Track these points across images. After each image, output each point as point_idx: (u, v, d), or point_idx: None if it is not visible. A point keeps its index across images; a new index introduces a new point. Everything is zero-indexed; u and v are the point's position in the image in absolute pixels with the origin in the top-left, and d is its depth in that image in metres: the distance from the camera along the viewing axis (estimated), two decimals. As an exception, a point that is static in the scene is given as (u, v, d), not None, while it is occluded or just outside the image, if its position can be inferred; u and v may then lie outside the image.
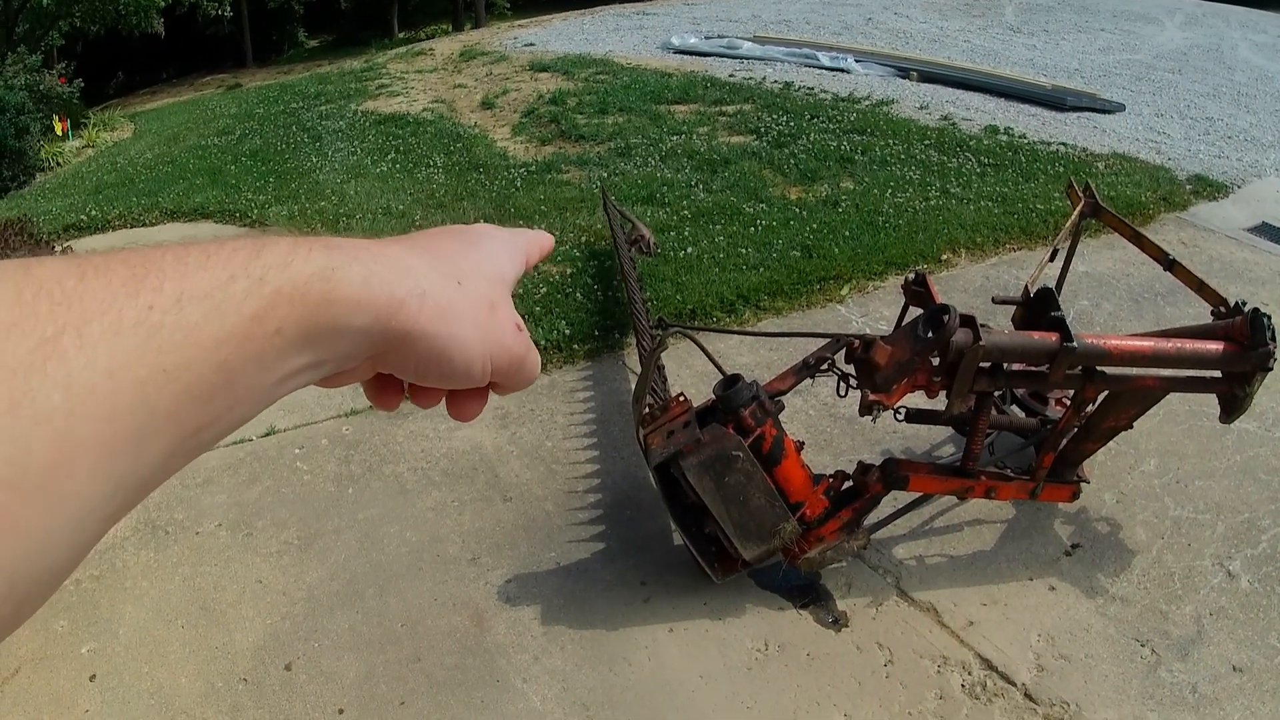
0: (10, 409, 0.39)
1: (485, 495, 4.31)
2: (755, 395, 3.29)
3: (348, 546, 4.09)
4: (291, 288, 0.50)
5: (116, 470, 0.44)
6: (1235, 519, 3.95)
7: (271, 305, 0.49)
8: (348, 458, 4.62)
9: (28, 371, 0.40)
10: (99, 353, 0.42)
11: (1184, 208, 6.74)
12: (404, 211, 7.54)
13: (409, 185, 8.14)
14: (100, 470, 0.43)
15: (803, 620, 3.59)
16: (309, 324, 0.51)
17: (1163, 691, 3.27)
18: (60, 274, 0.44)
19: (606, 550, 3.96)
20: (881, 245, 6.28)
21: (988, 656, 3.42)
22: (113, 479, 0.44)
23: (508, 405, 4.96)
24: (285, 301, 0.50)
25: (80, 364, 0.42)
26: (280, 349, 0.50)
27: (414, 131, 9.88)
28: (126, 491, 0.45)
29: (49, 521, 0.41)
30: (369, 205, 7.70)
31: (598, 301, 5.93)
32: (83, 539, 0.44)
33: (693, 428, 3.29)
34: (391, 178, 8.36)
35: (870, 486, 3.48)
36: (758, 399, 3.29)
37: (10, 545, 0.40)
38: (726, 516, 3.34)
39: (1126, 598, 3.62)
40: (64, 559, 0.43)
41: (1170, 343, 3.28)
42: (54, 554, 0.42)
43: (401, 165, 8.75)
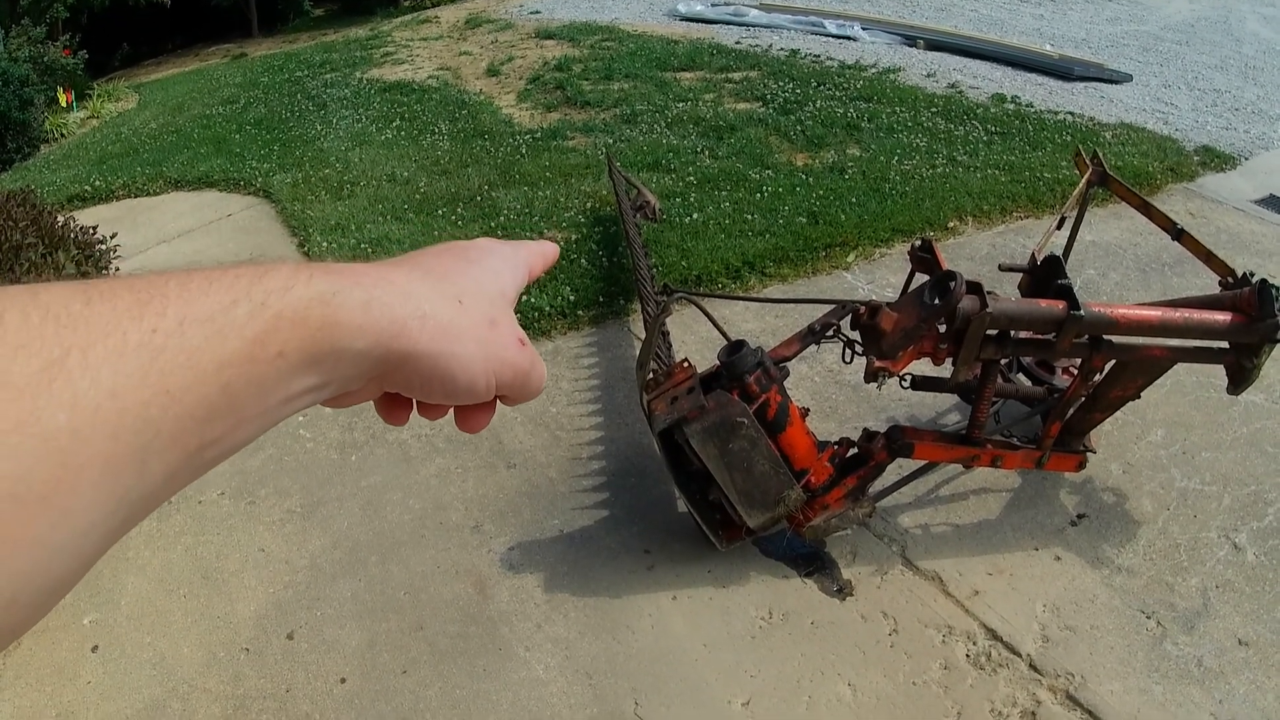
0: (16, 427, 0.40)
1: (489, 462, 4.28)
2: (760, 361, 3.25)
3: (350, 514, 4.07)
4: (293, 312, 0.52)
5: (119, 487, 0.45)
6: (1242, 491, 3.90)
7: (273, 329, 0.51)
8: (351, 425, 4.59)
9: (35, 392, 0.41)
10: (103, 374, 0.44)
11: (1191, 179, 6.65)
12: (408, 178, 7.48)
13: (414, 152, 8.08)
14: (103, 487, 0.44)
15: (807, 589, 3.56)
16: (311, 347, 0.53)
17: (1168, 664, 3.24)
18: (67, 298, 0.45)
19: (610, 518, 3.93)
20: (888, 212, 6.22)
21: (993, 626, 3.39)
22: (115, 496, 0.45)
23: None
24: (287, 325, 0.51)
25: (85, 385, 0.43)
26: (283, 371, 0.52)
27: (419, 99, 9.81)
28: (129, 508, 0.46)
29: (52, 536, 0.42)
30: (373, 172, 7.64)
31: (603, 268, 5.88)
32: (85, 553, 0.45)
33: (697, 394, 3.25)
34: (396, 145, 8.29)
35: (875, 454, 3.44)
36: (762, 365, 3.25)
37: (14, 559, 0.41)
38: (730, 483, 3.31)
39: (1132, 569, 3.58)
40: (67, 572, 0.44)
41: (1178, 312, 3.24)
42: (57, 568, 0.43)
43: (406, 132, 8.69)
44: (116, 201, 8.15)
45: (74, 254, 4.76)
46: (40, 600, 0.44)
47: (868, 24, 11.40)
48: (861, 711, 3.13)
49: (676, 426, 3.23)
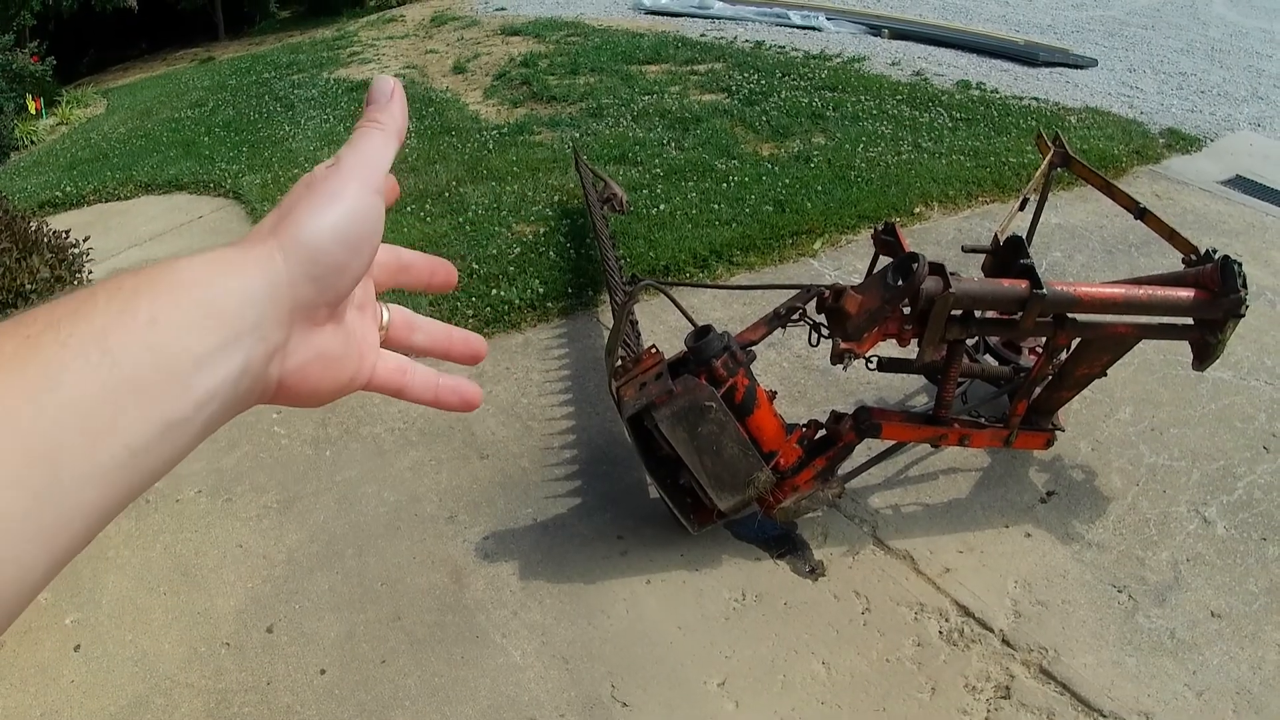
0: None
1: (462, 454, 4.29)
2: (727, 346, 3.27)
3: (326, 508, 4.07)
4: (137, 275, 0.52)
5: (32, 482, 0.44)
6: (1211, 466, 3.95)
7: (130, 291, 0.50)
8: (325, 421, 4.59)
9: None
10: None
11: (1157, 160, 6.71)
12: None
13: None
14: (11, 481, 0.43)
15: (779, 570, 3.59)
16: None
17: (1140, 637, 3.28)
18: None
19: (583, 505, 3.95)
20: (854, 199, 6.25)
21: (965, 603, 3.42)
22: (30, 490, 0.44)
23: (483, 364, 4.93)
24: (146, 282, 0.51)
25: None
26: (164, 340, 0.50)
27: (386, 98, 9.81)
28: (53, 504, 0.45)
29: None
30: None
31: (571, 260, 5.90)
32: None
33: (665, 379, 3.27)
34: None
35: (843, 435, 3.47)
36: (729, 349, 3.27)
37: None
38: (700, 467, 3.33)
39: (1103, 544, 3.62)
40: None
41: (1141, 289, 3.27)
42: None
43: (374, 131, 8.69)
44: (88, 206, 8.12)
45: (48, 258, 4.75)
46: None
47: (832, 14, 11.43)
48: (836, 689, 3.16)
49: (645, 412, 3.25)
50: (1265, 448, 4.04)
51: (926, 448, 3.99)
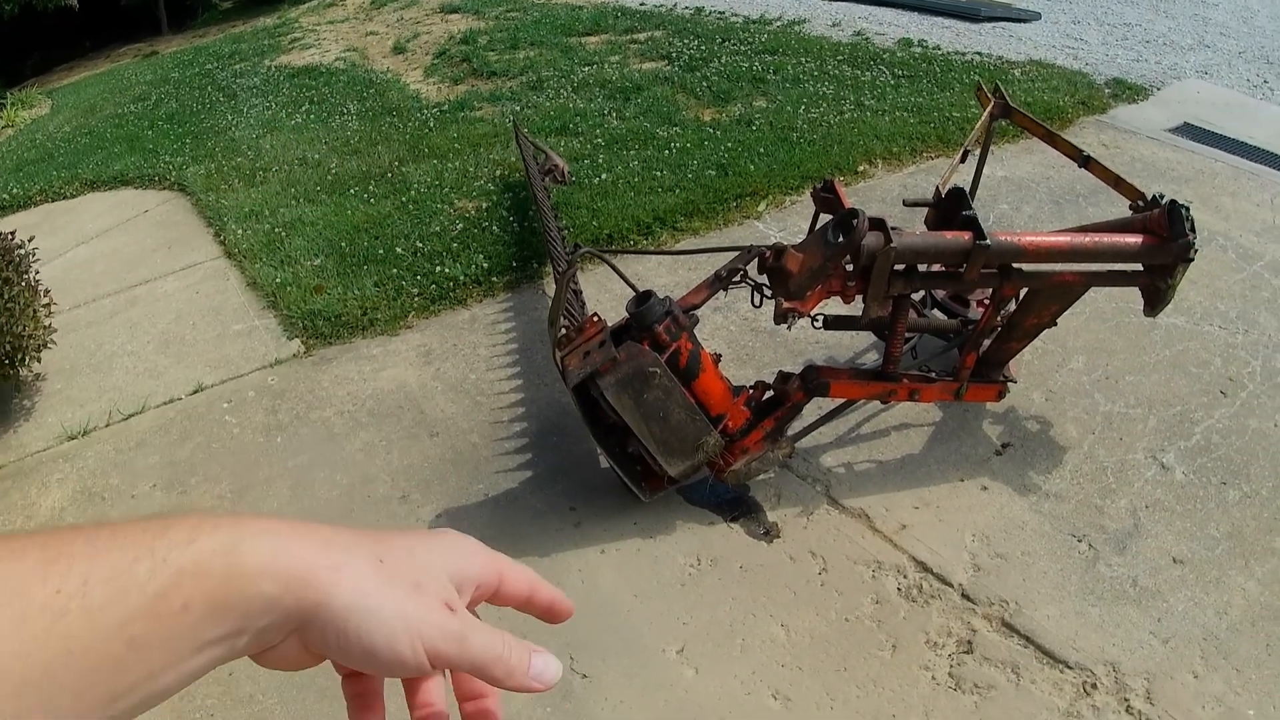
0: None
1: (412, 433, 4.24)
2: (669, 310, 3.23)
3: (279, 495, 4.02)
4: (194, 564, 0.53)
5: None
6: (1167, 412, 3.94)
7: (175, 583, 0.52)
8: (275, 407, 4.53)
9: None
10: (5, 638, 0.46)
11: (1103, 111, 6.69)
12: (319, 160, 7.39)
13: (324, 134, 7.99)
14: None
15: (734, 534, 3.56)
16: (215, 597, 0.53)
17: (1103, 586, 3.26)
18: None
19: (534, 478, 3.90)
20: (797, 160, 6.22)
21: (922, 559, 3.40)
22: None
23: (430, 342, 4.88)
24: (189, 579, 0.52)
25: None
26: (190, 624, 0.52)
27: (327, 82, 9.72)
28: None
29: None
30: (285, 157, 7.54)
31: (514, 233, 5.84)
32: None
33: (608, 347, 3.22)
34: (306, 129, 8.20)
35: (791, 395, 3.44)
36: (671, 314, 3.23)
37: None
38: (648, 434, 3.29)
39: (1060, 494, 3.61)
40: None
41: (1087, 237, 3.25)
42: None
43: (316, 115, 8.60)
44: (35, 207, 7.99)
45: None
46: None
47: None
48: (796, 651, 3.13)
49: (590, 380, 3.21)
50: (1222, 392, 4.03)
51: (877, 405, 3.97)
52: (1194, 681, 2.94)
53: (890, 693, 2.98)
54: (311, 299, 5.23)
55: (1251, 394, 4.01)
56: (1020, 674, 2.99)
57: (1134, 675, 2.97)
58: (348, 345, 4.94)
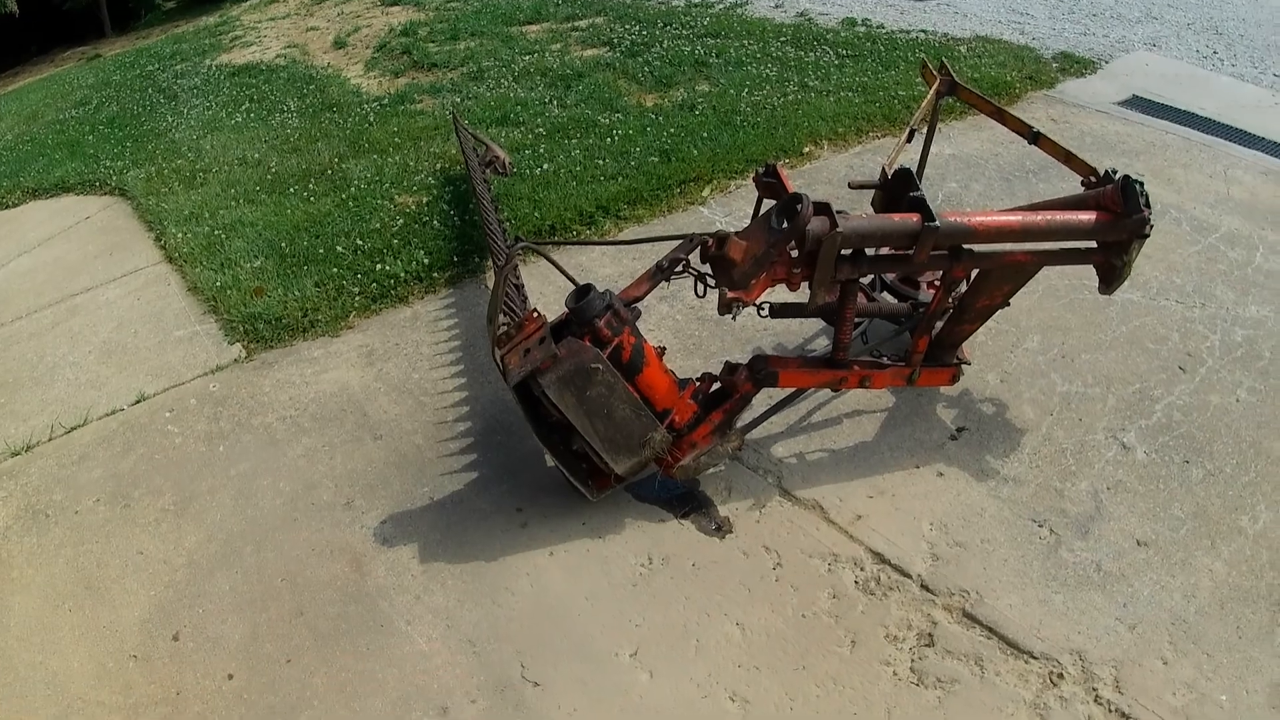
0: None
1: (355, 436, 4.10)
2: (609, 304, 3.11)
3: (223, 506, 3.87)
4: None
5: None
6: (1126, 390, 3.86)
7: None
8: (217, 415, 4.38)
9: None
10: None
11: (1051, 85, 6.60)
12: (259, 160, 7.17)
13: (264, 133, 7.77)
14: None
15: (685, 530, 3.45)
16: None
17: (1066, 572, 3.18)
18: None
19: (480, 479, 3.77)
20: (741, 143, 6.10)
21: (879, 550, 3.30)
22: None
23: (372, 342, 4.73)
24: None
25: None
26: None
27: (267, 79, 9.48)
28: None
29: None
30: (225, 158, 7.32)
31: (455, 228, 5.68)
32: None
33: (548, 343, 3.10)
34: (247, 128, 7.97)
35: (739, 386, 3.33)
36: (612, 308, 3.11)
37: None
38: (593, 431, 3.18)
39: (1019, 478, 3.52)
40: None
41: (1039, 215, 3.16)
42: None
43: (256, 114, 8.37)
44: (-24, 219, 7.75)
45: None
46: None
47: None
48: (752, 650, 3.03)
49: (531, 378, 3.09)
50: (1181, 368, 3.96)
51: (828, 393, 3.87)
52: (1163, 668, 2.87)
53: (851, 691, 2.89)
54: (252, 302, 5.07)
55: (1211, 369, 3.94)
56: (984, 666, 2.91)
57: (1101, 664, 2.89)
58: (289, 348, 4.79)
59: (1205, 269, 4.54)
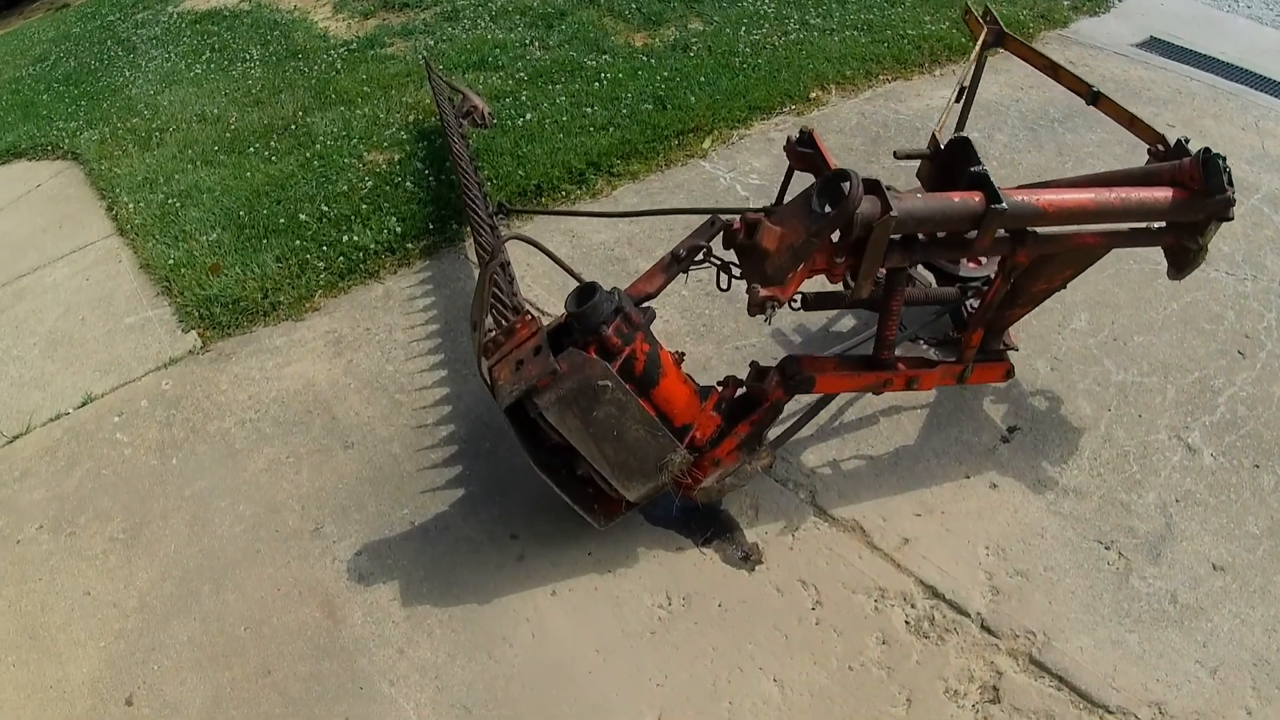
0: None
1: (323, 444, 3.42)
2: (618, 307, 2.46)
3: (177, 534, 3.21)
4: None
5: None
6: (1185, 380, 3.26)
7: None
8: (169, 420, 3.68)
9: None
10: None
11: (1064, 24, 5.84)
12: (219, 116, 6.24)
13: (224, 85, 6.79)
14: None
15: (708, 561, 2.83)
16: None
17: (1139, 606, 2.63)
18: None
19: (467, 497, 3.12)
20: (742, 89, 5.33)
21: (931, 582, 2.70)
22: None
23: (340, 327, 4.01)
24: None
25: None
26: None
27: (230, 26, 8.35)
28: None
29: None
30: (183, 114, 6.39)
31: (431, 189, 4.89)
32: None
33: (545, 355, 2.45)
34: (206, 80, 6.99)
35: (768, 394, 2.69)
36: (621, 311, 2.46)
37: None
38: (600, 456, 2.55)
39: (1080, 489, 2.92)
40: None
41: (1113, 193, 2.55)
42: None
43: (217, 64, 7.33)
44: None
45: None
46: None
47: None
48: (794, 713, 2.47)
49: (526, 399, 2.44)
50: (1240, 352, 3.37)
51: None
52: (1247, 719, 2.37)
53: (911, 763, 2.32)
54: (208, 282, 4.32)
55: (1271, 354, 3.36)
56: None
57: (1183, 717, 2.37)
58: (248, 335, 4.06)
59: (1252, 235, 3.91)
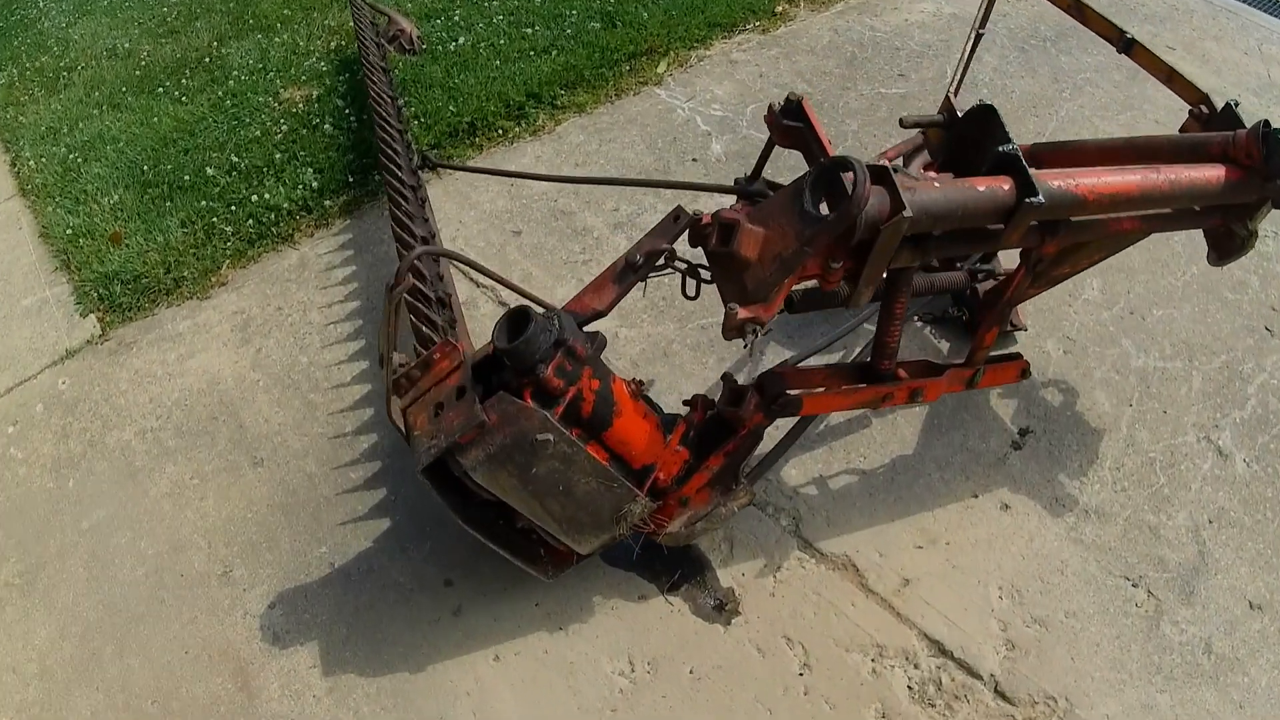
0: None
1: (230, 461, 2.79)
2: (559, 339, 1.85)
3: (75, 578, 2.61)
4: None
5: None
6: (1211, 364, 2.73)
7: None
8: (66, 430, 3.02)
9: None
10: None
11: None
12: (130, 49, 5.32)
13: (139, 14, 5.81)
14: None
15: (676, 614, 2.28)
16: None
17: (1171, 658, 2.14)
18: None
19: (393, 530, 2.54)
20: (700, 3, 4.54)
21: (937, 636, 2.19)
22: None
23: (249, 306, 3.33)
24: None
25: None
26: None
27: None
28: None
29: None
30: (93, 49, 5.46)
31: (352, 131, 4.11)
32: None
33: (470, 400, 1.85)
34: (121, 9, 5.99)
35: (745, 420, 2.10)
36: (563, 344, 1.84)
37: None
38: (544, 513, 1.98)
39: (1103, 509, 2.40)
40: None
41: (1161, 175, 1.99)
42: None
43: (132, -13, 6.39)
44: None
45: None
46: None
47: None
48: (779, 805, 1.93)
49: (448, 457, 1.84)
50: (1268, 329, 2.86)
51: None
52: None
53: None
54: (108, 254, 3.61)
55: (1302, 330, 2.81)
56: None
57: None
58: (150, 319, 3.39)
59: (1269, 178, 3.31)
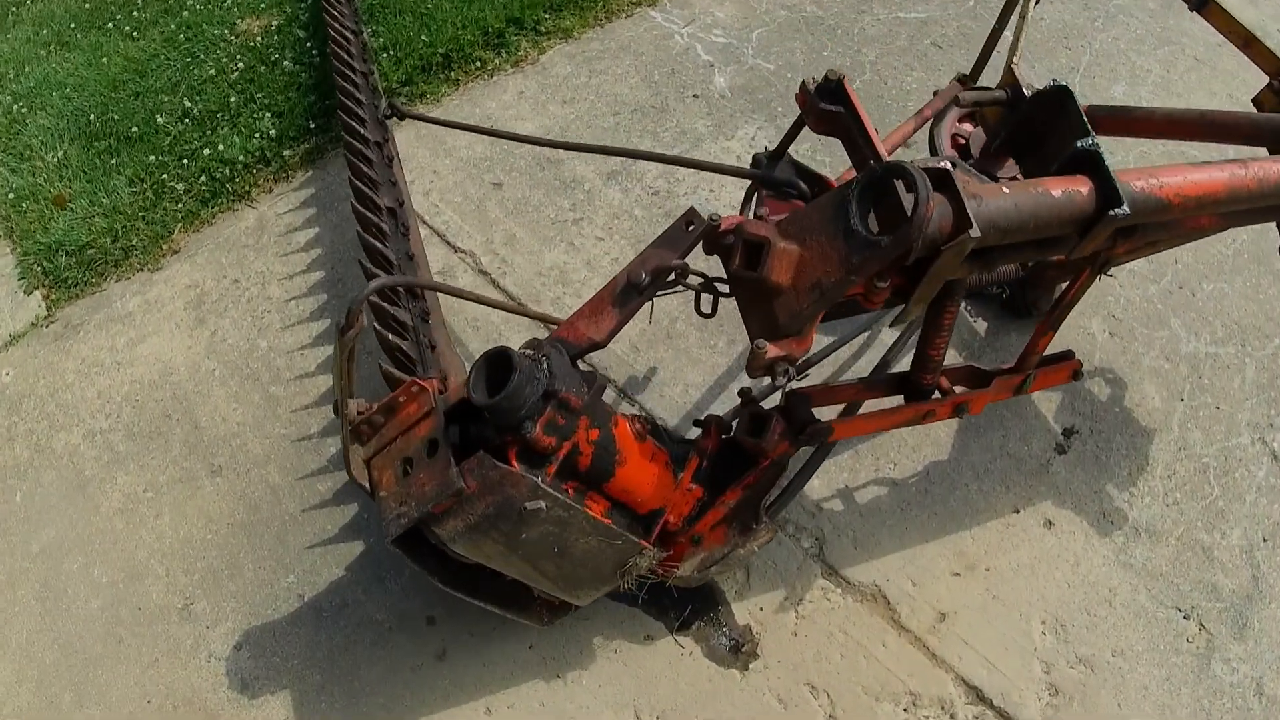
0: None
1: (186, 470, 2.43)
2: (548, 389, 1.48)
3: (28, 613, 2.28)
4: None
5: None
6: (1264, 350, 2.39)
7: None
8: (12, 431, 2.64)
9: None
10: None
11: None
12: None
13: None
14: None
15: (687, 658, 1.97)
16: None
17: (1221, 704, 1.87)
18: None
19: (367, 556, 2.21)
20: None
21: (976, 682, 1.90)
22: None
23: (204, 279, 2.91)
24: None
25: None
26: None
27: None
28: None
29: None
30: None
31: (312, 67, 3.61)
32: None
33: (444, 457, 1.52)
34: None
35: (768, 450, 1.75)
36: (553, 395, 1.48)
37: None
38: (537, 575, 1.67)
39: (1154, 526, 2.09)
40: None
41: (1248, 172, 1.67)
42: None
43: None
44: None
45: None
46: None
47: None
48: None
49: (424, 526, 1.50)
50: (1321, 307, 2.47)
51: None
52: None
53: None
54: (52, 220, 3.17)
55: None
56: None
57: None
58: (98, 296, 2.98)
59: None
